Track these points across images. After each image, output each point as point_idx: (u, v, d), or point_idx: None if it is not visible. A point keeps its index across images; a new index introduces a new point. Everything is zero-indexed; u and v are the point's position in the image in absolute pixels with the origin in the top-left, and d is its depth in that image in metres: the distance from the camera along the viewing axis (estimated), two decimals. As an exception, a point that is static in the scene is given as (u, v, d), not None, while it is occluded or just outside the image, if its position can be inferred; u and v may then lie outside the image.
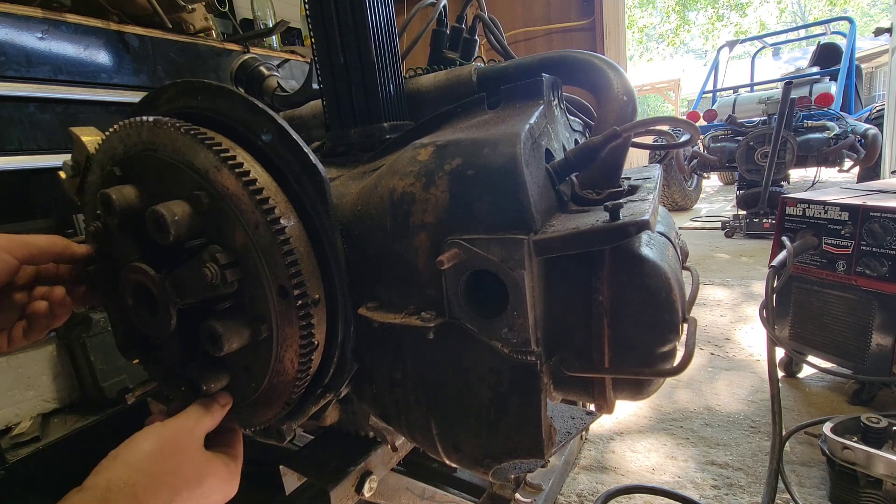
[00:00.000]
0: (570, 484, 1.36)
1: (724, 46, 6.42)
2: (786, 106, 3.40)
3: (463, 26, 1.10)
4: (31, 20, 1.20)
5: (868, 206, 1.44)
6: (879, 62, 12.32)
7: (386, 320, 0.62)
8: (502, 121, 0.65)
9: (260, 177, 0.59)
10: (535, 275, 0.56)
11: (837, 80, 5.01)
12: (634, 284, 0.58)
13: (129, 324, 0.67)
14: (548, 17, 4.25)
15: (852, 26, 5.31)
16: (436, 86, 0.92)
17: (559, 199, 0.65)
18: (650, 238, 0.63)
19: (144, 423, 0.56)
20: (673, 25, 17.72)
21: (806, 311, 1.65)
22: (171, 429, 0.54)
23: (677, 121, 0.65)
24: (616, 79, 0.78)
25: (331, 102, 0.86)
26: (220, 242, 0.58)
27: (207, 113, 0.64)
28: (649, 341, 0.59)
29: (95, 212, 0.63)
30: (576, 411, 0.95)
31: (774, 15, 18.98)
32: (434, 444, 0.69)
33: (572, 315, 0.61)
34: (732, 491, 1.29)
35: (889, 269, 1.40)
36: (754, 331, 2.27)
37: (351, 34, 0.81)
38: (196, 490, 0.52)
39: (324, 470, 0.84)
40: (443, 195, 0.59)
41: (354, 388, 0.75)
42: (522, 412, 0.60)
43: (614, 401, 0.66)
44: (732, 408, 1.67)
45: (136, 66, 1.43)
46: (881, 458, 1.04)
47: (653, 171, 0.85)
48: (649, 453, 1.47)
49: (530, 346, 0.56)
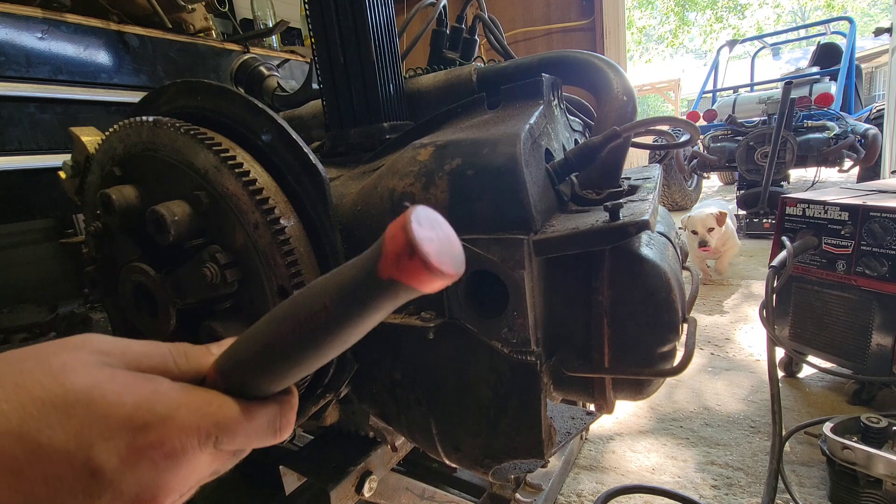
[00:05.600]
0: (570, 484, 1.36)
1: (723, 46, 6.41)
2: (786, 106, 3.40)
3: (463, 26, 1.10)
4: (31, 20, 1.20)
5: (868, 206, 1.44)
6: (879, 62, 12.32)
7: (386, 320, 0.62)
8: (502, 121, 0.65)
9: (260, 177, 0.59)
10: (535, 275, 0.56)
11: (837, 80, 5.00)
12: (634, 284, 0.58)
13: (129, 324, 0.67)
14: (548, 17, 4.25)
15: (852, 26, 5.31)
16: (436, 86, 0.92)
17: (559, 199, 0.65)
18: (650, 238, 0.63)
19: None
20: (672, 26, 17.73)
21: (806, 311, 1.65)
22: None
23: (677, 121, 0.65)
24: (616, 79, 0.78)
25: (331, 102, 0.86)
26: (220, 242, 0.58)
27: (207, 113, 0.64)
28: (649, 341, 0.59)
29: (95, 212, 0.63)
30: (576, 411, 0.95)
31: (772, 19, 19.00)
32: (434, 444, 0.69)
33: (572, 315, 0.61)
34: (732, 491, 1.28)
35: (889, 269, 1.40)
36: (754, 331, 2.26)
37: (351, 34, 0.81)
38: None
39: (324, 470, 0.84)
40: (443, 195, 0.59)
41: (354, 387, 0.75)
42: (522, 412, 0.60)
43: (614, 401, 0.66)
44: (732, 408, 1.67)
45: (136, 66, 1.43)
46: (881, 458, 1.04)
47: (653, 171, 0.85)
48: (649, 453, 1.47)
49: (530, 346, 0.56)
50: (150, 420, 0.28)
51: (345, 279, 0.26)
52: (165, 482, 0.28)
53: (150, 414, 0.28)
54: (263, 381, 0.32)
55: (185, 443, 0.28)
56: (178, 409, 0.29)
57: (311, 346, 0.28)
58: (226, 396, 0.31)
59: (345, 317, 0.27)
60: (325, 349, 0.29)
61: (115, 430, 0.27)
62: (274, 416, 0.33)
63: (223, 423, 0.30)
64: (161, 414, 0.28)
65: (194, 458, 0.29)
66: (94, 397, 0.27)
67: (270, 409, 0.33)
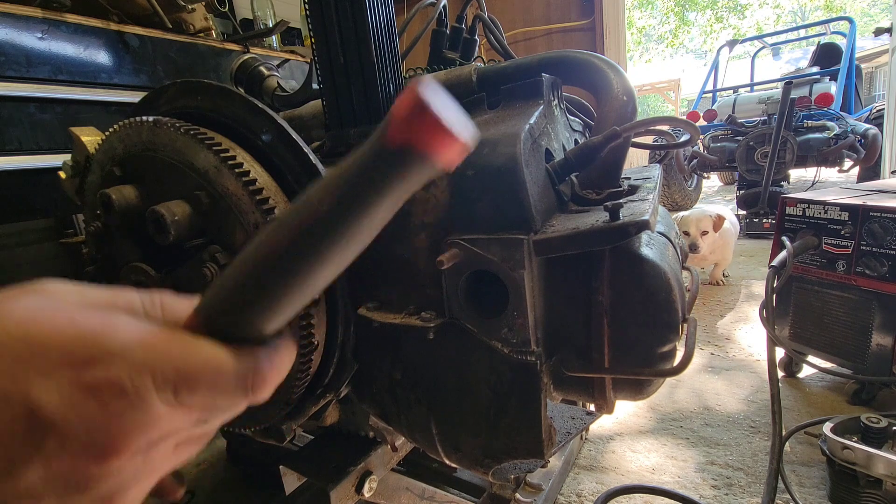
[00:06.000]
0: (570, 484, 1.36)
1: (724, 46, 6.42)
2: (786, 106, 3.40)
3: (463, 26, 1.10)
4: (31, 20, 1.20)
5: (868, 206, 1.44)
6: (879, 62, 12.32)
7: (386, 320, 0.62)
8: (502, 121, 0.65)
9: (260, 177, 0.59)
10: (535, 275, 0.56)
11: (837, 80, 5.00)
12: (634, 284, 0.58)
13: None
14: (548, 17, 4.25)
15: (852, 26, 5.31)
16: (436, 86, 0.92)
17: (559, 199, 0.65)
18: (650, 238, 0.63)
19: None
20: (672, 26, 17.74)
21: (806, 311, 1.65)
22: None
23: (677, 121, 0.65)
24: (616, 79, 0.78)
25: (331, 102, 0.86)
26: (220, 242, 0.58)
27: (207, 113, 0.64)
28: (649, 341, 0.59)
29: (95, 212, 0.63)
30: (576, 411, 0.95)
31: (772, 19, 19.01)
32: (434, 444, 0.69)
33: (572, 315, 0.61)
34: (732, 491, 1.28)
35: (889, 269, 1.40)
36: (754, 331, 2.26)
37: (351, 34, 0.81)
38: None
39: (324, 470, 0.84)
40: (443, 195, 0.59)
41: (354, 388, 0.75)
42: (522, 412, 0.60)
43: (614, 401, 0.66)
44: (732, 408, 1.67)
45: (136, 66, 1.43)
46: (881, 458, 1.04)
47: (653, 171, 0.85)
48: (649, 453, 1.47)
49: (530, 346, 0.56)
50: (96, 355, 0.24)
51: (348, 164, 0.22)
52: (119, 429, 0.24)
53: (96, 348, 0.24)
54: (252, 312, 0.26)
55: (139, 385, 0.24)
56: (131, 346, 0.24)
57: (312, 252, 0.23)
58: (196, 339, 0.26)
59: (351, 207, 0.22)
60: (329, 255, 0.23)
61: (56, 366, 0.23)
62: (248, 368, 0.26)
63: (185, 368, 0.25)
64: (109, 349, 0.24)
65: (152, 406, 0.24)
66: (31, 332, 0.23)
67: (246, 359, 0.26)
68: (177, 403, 0.25)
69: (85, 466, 0.24)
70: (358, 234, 0.24)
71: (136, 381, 0.24)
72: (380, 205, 0.23)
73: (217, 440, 1.69)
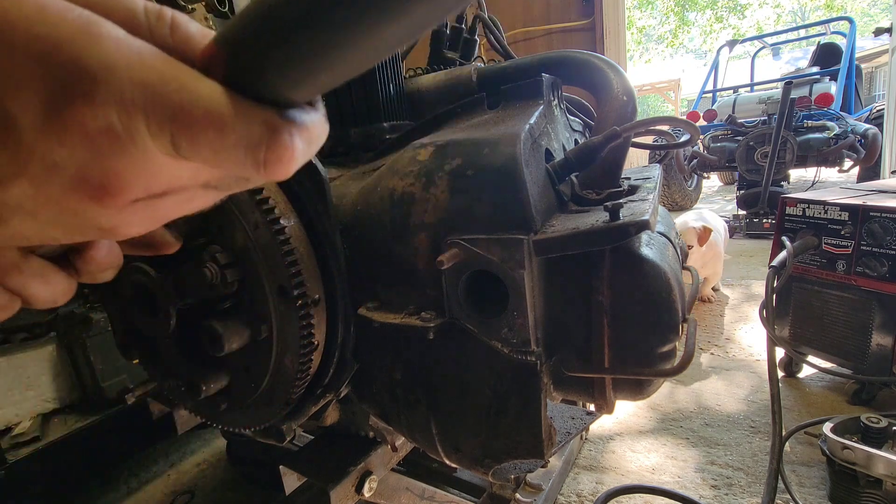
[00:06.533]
0: (570, 484, 1.36)
1: (724, 46, 6.42)
2: (786, 106, 3.40)
3: (463, 26, 1.10)
4: (31, 20, 1.20)
5: (868, 206, 1.44)
6: (879, 62, 12.32)
7: (386, 320, 0.63)
8: (502, 121, 0.65)
9: (260, 177, 0.59)
10: (535, 275, 0.56)
11: (837, 80, 5.00)
12: (634, 284, 0.58)
13: (129, 324, 0.67)
14: (548, 17, 4.25)
15: (852, 26, 5.30)
16: (436, 86, 0.92)
17: (559, 199, 0.65)
18: (650, 238, 0.63)
19: None
20: (672, 26, 17.74)
21: (806, 311, 1.65)
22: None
23: (677, 121, 0.65)
24: (616, 79, 0.78)
25: (330, 102, 0.86)
26: (220, 242, 0.58)
27: (207, 113, 0.64)
28: (649, 341, 0.59)
29: (95, 212, 0.63)
30: (576, 411, 0.95)
31: (772, 19, 19.01)
32: (434, 444, 0.69)
33: (572, 315, 0.61)
34: (732, 491, 1.28)
35: (889, 269, 1.40)
36: (754, 331, 2.26)
37: (351, 34, 0.81)
38: None
39: (324, 470, 0.84)
40: (443, 195, 0.59)
41: (354, 388, 0.75)
42: (522, 412, 0.60)
43: (614, 401, 0.66)
44: (732, 408, 1.67)
45: (136, 66, 1.43)
46: (881, 458, 1.04)
47: (653, 171, 0.85)
48: (649, 453, 1.47)
49: (530, 346, 0.56)
50: (73, 72, 0.18)
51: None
52: (112, 168, 0.20)
53: (71, 62, 0.18)
54: (284, 61, 0.19)
55: (128, 122, 0.19)
56: (119, 66, 0.19)
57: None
58: (203, 76, 0.20)
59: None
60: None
61: (24, 76, 0.18)
62: (264, 130, 0.20)
63: (184, 109, 0.19)
64: (90, 65, 0.18)
65: (146, 148, 0.20)
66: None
67: (264, 115, 0.20)
68: (178, 156, 0.20)
69: (78, 201, 0.21)
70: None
71: (126, 118, 0.19)
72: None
73: (217, 440, 1.69)
